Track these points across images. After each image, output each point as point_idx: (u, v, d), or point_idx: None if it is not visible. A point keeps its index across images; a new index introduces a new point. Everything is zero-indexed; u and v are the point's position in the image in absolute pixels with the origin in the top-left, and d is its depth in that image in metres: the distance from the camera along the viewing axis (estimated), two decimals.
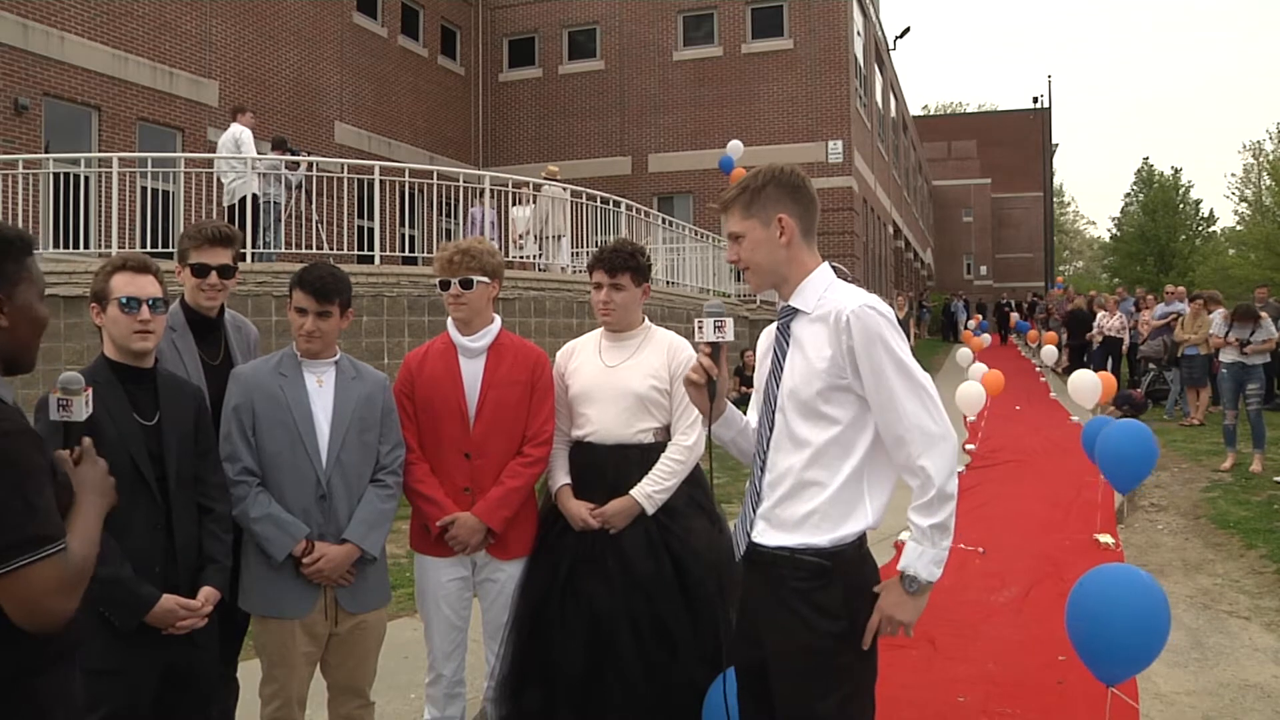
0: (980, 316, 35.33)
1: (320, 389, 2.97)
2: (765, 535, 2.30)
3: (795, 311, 2.32)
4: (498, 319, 3.33)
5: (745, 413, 2.50)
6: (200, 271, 3.00)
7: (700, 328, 2.35)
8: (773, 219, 2.30)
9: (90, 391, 2.09)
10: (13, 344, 1.81)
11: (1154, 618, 3.39)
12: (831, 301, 2.25)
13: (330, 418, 2.94)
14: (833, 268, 2.38)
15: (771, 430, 2.32)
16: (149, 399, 2.61)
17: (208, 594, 2.62)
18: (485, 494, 3.16)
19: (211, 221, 3.13)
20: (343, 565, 2.90)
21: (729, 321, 2.36)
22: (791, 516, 2.25)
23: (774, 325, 2.40)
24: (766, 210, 2.30)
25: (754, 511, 2.35)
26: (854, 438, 2.23)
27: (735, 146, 17.92)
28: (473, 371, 3.24)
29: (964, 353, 18.49)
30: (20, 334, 1.82)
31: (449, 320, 3.31)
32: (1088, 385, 11.69)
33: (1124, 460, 6.72)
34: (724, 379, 2.39)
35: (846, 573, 2.22)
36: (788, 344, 2.32)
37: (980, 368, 14.64)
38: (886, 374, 2.16)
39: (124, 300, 2.59)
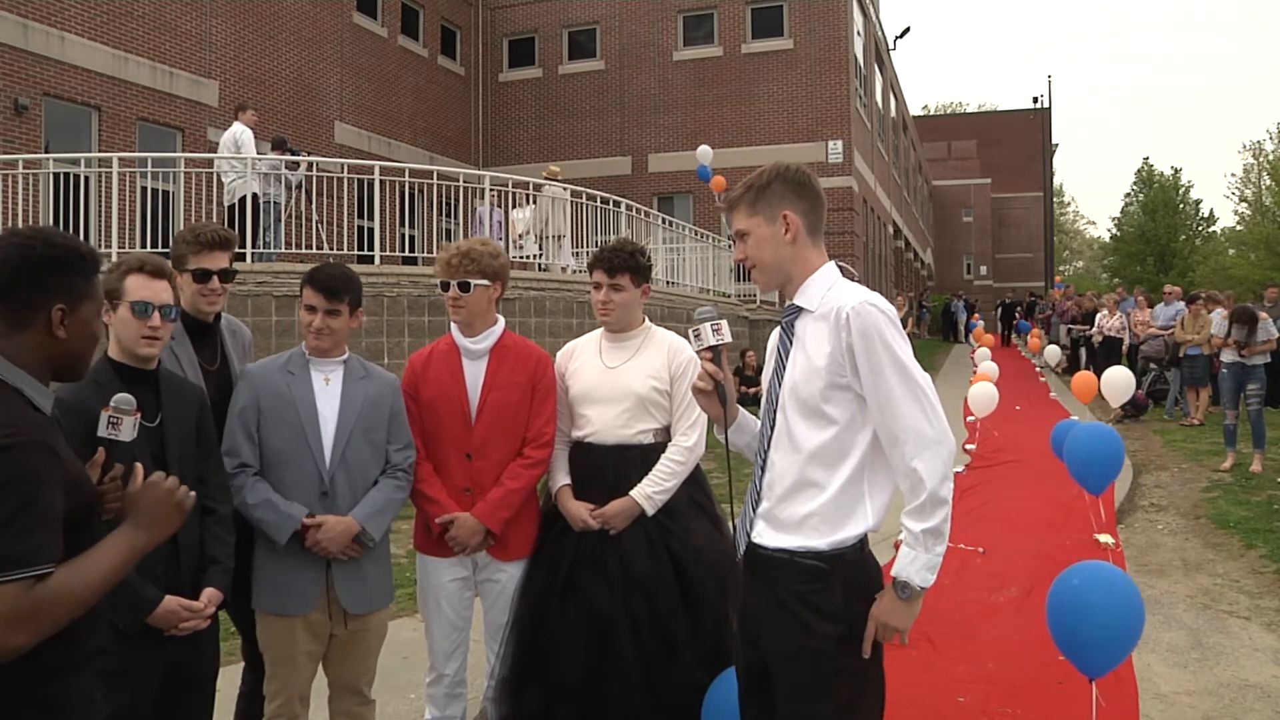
0: (978, 315, 35.22)
1: (327, 387, 2.98)
2: (764, 536, 2.29)
3: (799, 310, 2.30)
4: (501, 320, 3.33)
5: (757, 414, 2.48)
6: (201, 277, 2.97)
7: (697, 335, 2.35)
8: (778, 216, 2.28)
9: (139, 416, 2.16)
10: (67, 356, 1.84)
11: (1127, 609, 3.48)
12: (834, 299, 2.23)
13: (336, 416, 2.95)
14: (839, 266, 2.36)
15: (773, 429, 2.31)
16: (151, 400, 2.59)
17: (210, 595, 2.61)
18: (486, 495, 3.16)
19: (208, 225, 3.10)
20: (344, 538, 2.89)
21: (724, 323, 2.36)
22: (790, 518, 2.24)
23: (780, 324, 2.39)
24: (772, 207, 2.29)
25: (754, 511, 2.33)
26: (852, 438, 2.20)
27: (704, 152, 17.92)
28: (475, 373, 3.23)
29: (980, 351, 18.50)
30: (76, 347, 1.85)
31: (452, 321, 3.31)
32: (1121, 382, 11.56)
33: (1091, 462, 6.73)
34: (731, 382, 2.38)
35: (846, 575, 2.19)
36: (791, 342, 2.31)
37: (991, 366, 14.64)
38: (884, 372, 2.13)
39: (136, 304, 2.56)
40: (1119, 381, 11.57)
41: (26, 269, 1.77)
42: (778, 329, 2.40)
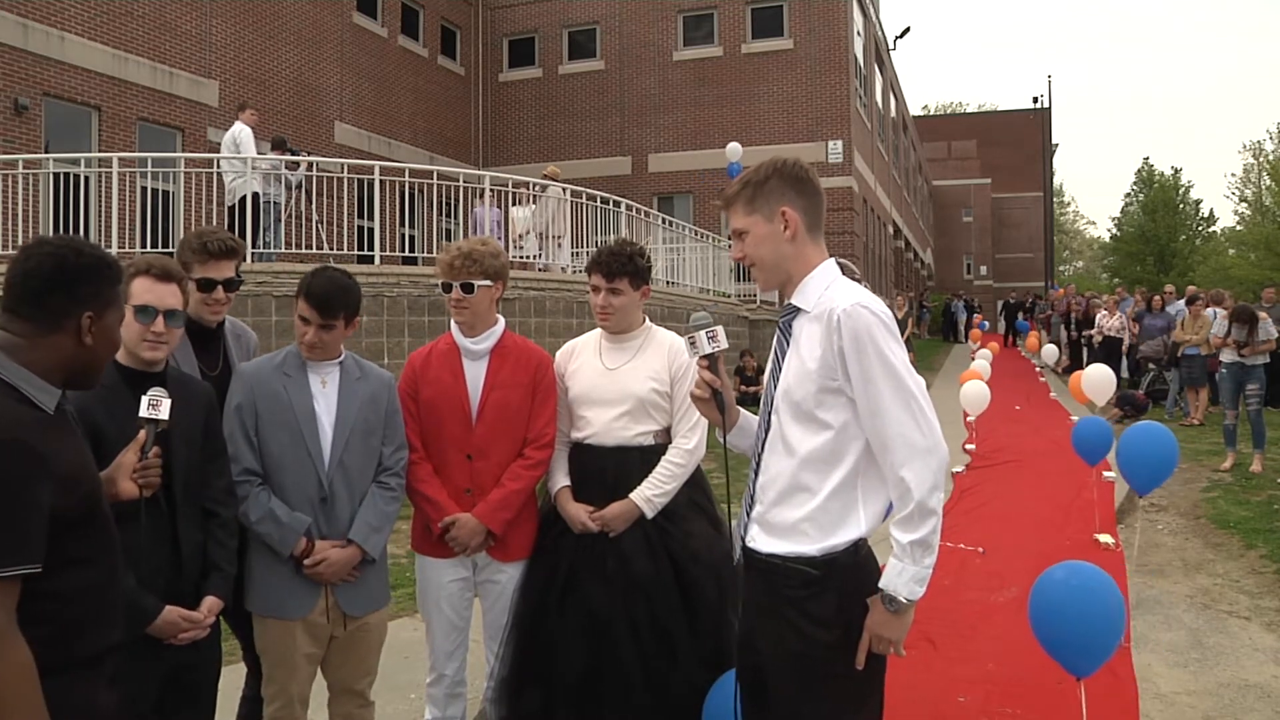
0: (981, 316, 35.17)
1: (324, 390, 2.95)
2: (758, 540, 2.25)
3: (796, 310, 2.25)
4: (501, 320, 3.31)
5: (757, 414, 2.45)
6: (206, 286, 2.94)
7: (693, 343, 2.31)
8: (776, 213, 2.23)
9: (170, 401, 2.35)
10: (87, 363, 1.88)
11: (1107, 606, 3.46)
12: (829, 300, 2.17)
13: (334, 419, 2.92)
14: (840, 264, 2.31)
15: (767, 432, 2.27)
16: None
17: (210, 604, 2.61)
18: (486, 495, 3.15)
19: (214, 233, 3.04)
20: (345, 567, 2.90)
21: (719, 330, 2.32)
22: (783, 522, 2.20)
23: (778, 324, 2.35)
24: (770, 204, 2.23)
25: (748, 515, 2.30)
26: (846, 444, 2.15)
27: (734, 149, 17.83)
28: (476, 373, 3.22)
29: (981, 351, 18.49)
30: (97, 354, 1.89)
31: (452, 321, 3.30)
32: (1102, 381, 11.56)
33: (1145, 462, 6.67)
34: (729, 388, 2.35)
35: (840, 581, 2.14)
36: (787, 343, 2.26)
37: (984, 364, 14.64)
38: (875, 377, 2.08)
39: (139, 308, 2.53)
40: (1099, 379, 11.55)
41: (60, 277, 1.83)
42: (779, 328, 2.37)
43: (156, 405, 2.34)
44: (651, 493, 3.13)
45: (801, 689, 2.15)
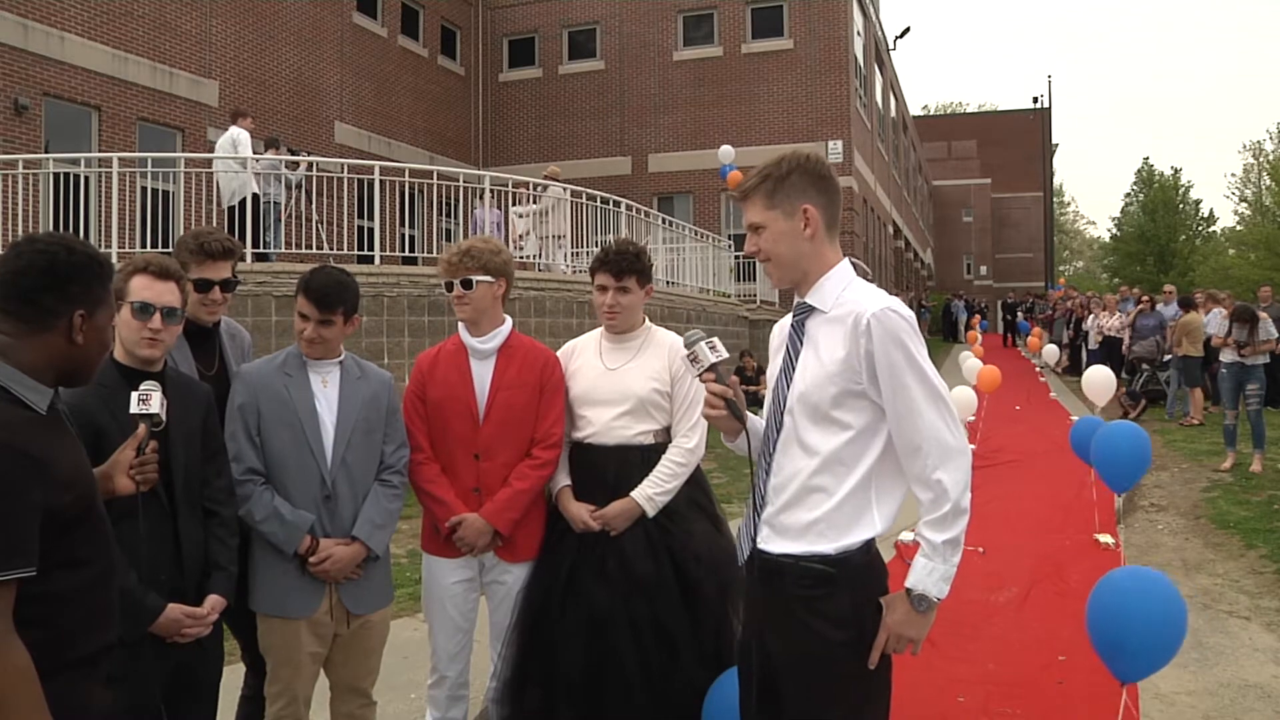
0: (980, 317, 35.15)
1: (325, 389, 2.97)
2: (770, 542, 2.22)
3: (811, 309, 2.23)
4: (508, 320, 3.33)
5: (757, 414, 2.42)
6: (203, 287, 2.95)
7: (695, 358, 2.27)
8: (797, 210, 2.19)
9: (160, 394, 2.34)
10: (80, 361, 1.88)
11: (1176, 619, 3.44)
12: (851, 302, 2.15)
13: (335, 418, 2.94)
14: (852, 263, 2.29)
15: (779, 432, 2.24)
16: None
17: (213, 602, 2.61)
18: (493, 495, 3.16)
19: (212, 234, 3.04)
20: (350, 564, 2.91)
21: (717, 340, 2.29)
22: (796, 524, 2.18)
23: (787, 320, 2.31)
24: (791, 200, 2.19)
25: (758, 516, 2.26)
26: (865, 445, 2.14)
27: (726, 152, 17.84)
28: (483, 373, 3.23)
29: (965, 353, 18.48)
30: (89, 352, 1.89)
31: (459, 321, 3.31)
32: (1102, 382, 11.55)
33: (1119, 460, 6.70)
34: (739, 394, 2.32)
35: (853, 580, 2.14)
36: (801, 343, 2.23)
37: (976, 364, 14.62)
38: (906, 381, 2.07)
39: (137, 305, 2.54)
40: (1099, 380, 11.55)
41: (51, 276, 1.81)
42: (783, 325, 2.33)
43: (146, 400, 2.32)
44: (653, 491, 3.13)
45: (814, 689, 2.14)
